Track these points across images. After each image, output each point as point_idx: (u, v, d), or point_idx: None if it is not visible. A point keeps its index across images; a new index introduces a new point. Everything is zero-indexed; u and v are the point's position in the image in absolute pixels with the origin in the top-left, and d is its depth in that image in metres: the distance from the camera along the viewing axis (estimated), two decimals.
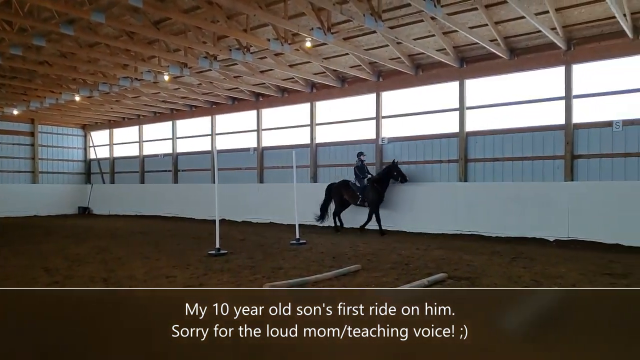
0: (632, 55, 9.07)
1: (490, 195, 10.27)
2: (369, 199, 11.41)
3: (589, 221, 8.95)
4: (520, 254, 8.03)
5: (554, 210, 9.37)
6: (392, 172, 11.38)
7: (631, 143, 9.00)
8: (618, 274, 6.40)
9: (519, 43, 10.22)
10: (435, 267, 6.86)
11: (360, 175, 11.63)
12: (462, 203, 10.74)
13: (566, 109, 9.80)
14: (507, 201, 10.04)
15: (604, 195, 8.95)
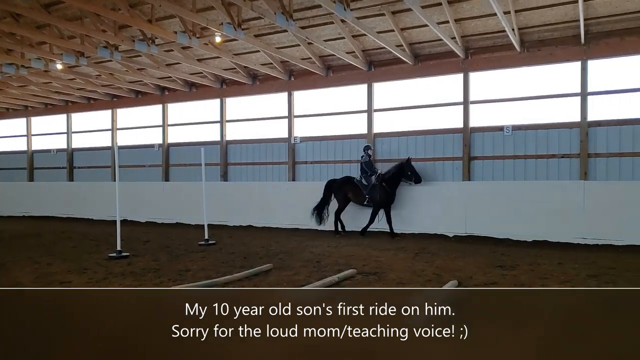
0: (520, 67, 9.97)
1: (397, 194, 10.73)
2: (376, 199, 10.30)
3: (483, 218, 9.70)
4: (423, 250, 8.48)
5: (453, 207, 10.02)
6: (405, 171, 10.19)
7: (519, 146, 9.89)
8: (508, 265, 7.00)
9: (422, 50, 10.78)
10: (345, 264, 7.02)
11: (369, 172, 10.52)
12: None
13: (464, 114, 10.52)
14: (412, 199, 10.56)
15: (497, 194, 9.75)
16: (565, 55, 9.50)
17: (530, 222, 9.26)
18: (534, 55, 9.80)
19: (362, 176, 10.59)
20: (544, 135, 9.71)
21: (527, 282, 6.01)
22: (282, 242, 9.63)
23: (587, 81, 9.36)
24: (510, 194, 9.59)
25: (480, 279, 6.16)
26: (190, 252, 8.55)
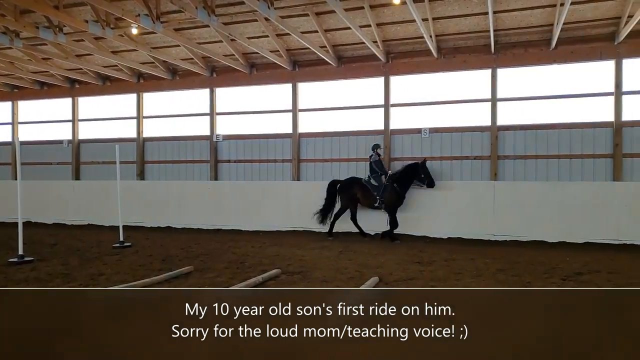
0: (437, 72, 10.46)
1: (320, 194, 10.82)
2: (388, 201, 9.67)
3: (403, 216, 10.05)
4: (346, 248, 8.63)
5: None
6: (419, 173, 9.63)
7: (436, 148, 10.38)
8: (425, 261, 7.32)
9: (345, 52, 10.97)
10: (269, 264, 6.95)
11: (379, 172, 9.92)
12: (295, 201, 11.11)
13: (385, 116, 10.85)
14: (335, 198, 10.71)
15: (415, 193, 10.14)
16: (478, 63, 10.12)
17: (445, 220, 9.75)
18: (449, 62, 10.33)
19: (371, 176, 9.94)
20: (459, 138, 10.28)
21: (442, 277, 6.31)
22: (204, 243, 9.35)
23: (497, 88, 10.04)
24: (426, 194, 10.03)
25: (400, 275, 6.37)
26: (104, 255, 8.04)
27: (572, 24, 9.05)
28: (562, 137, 9.60)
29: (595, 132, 9.41)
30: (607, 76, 9.36)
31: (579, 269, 6.74)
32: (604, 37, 9.27)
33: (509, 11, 9.03)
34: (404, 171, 9.75)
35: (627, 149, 9.19)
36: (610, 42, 9.23)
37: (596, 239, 8.85)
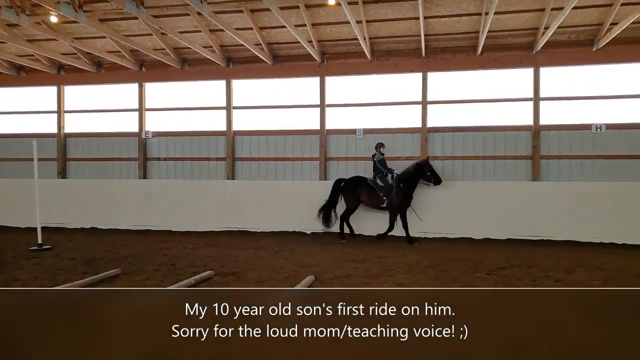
0: (371, 74, 10.67)
1: (256, 193, 10.71)
2: (395, 201, 9.40)
3: (339, 214, 10.17)
4: (282, 247, 8.59)
5: (312, 206, 10.30)
6: (425, 171, 9.43)
7: (370, 148, 10.59)
8: (359, 259, 7.45)
9: (281, 50, 10.91)
10: (202, 266, 6.76)
11: (384, 172, 9.58)
12: (229, 200, 10.88)
13: (321, 116, 10.91)
14: (270, 199, 10.62)
15: None
16: (410, 66, 10.44)
17: (379, 218, 9.96)
18: (383, 64, 10.57)
19: (376, 176, 9.61)
20: (391, 139, 10.55)
21: (376, 274, 6.44)
22: (132, 245, 8.92)
23: (427, 91, 10.41)
24: None
25: (335, 273, 6.43)
26: (20, 259, 7.44)
27: (496, 32, 9.58)
28: (487, 139, 10.13)
29: (517, 135, 10.02)
30: (527, 83, 9.99)
31: (502, 263, 7.14)
32: (524, 46, 9.90)
33: (439, 17, 9.39)
34: (410, 170, 9.51)
35: (545, 151, 9.86)
36: (529, 50, 9.86)
37: (517, 235, 9.41)
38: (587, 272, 6.54)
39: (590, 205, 9.20)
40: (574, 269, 6.73)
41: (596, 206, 9.14)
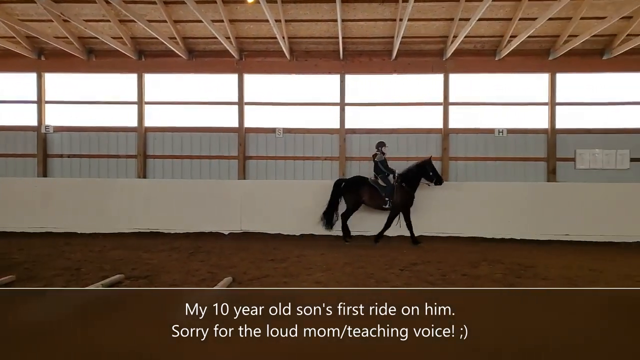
0: (290, 74, 10.67)
1: (169, 192, 10.27)
2: (398, 202, 9.19)
3: (258, 215, 10.05)
4: (198, 248, 8.31)
5: (228, 205, 10.10)
6: (427, 170, 9.24)
7: (289, 148, 10.59)
8: (279, 259, 7.40)
9: (197, 45, 10.57)
10: (111, 269, 6.34)
11: (386, 172, 9.30)
12: (140, 200, 10.32)
13: (239, 114, 10.71)
14: (185, 198, 10.24)
15: (270, 192, 10.22)
16: (328, 68, 10.58)
17: (299, 218, 10.00)
18: (302, 65, 10.61)
19: (378, 176, 9.37)
20: (310, 139, 10.63)
21: (295, 273, 6.43)
22: (30, 248, 8.15)
23: (345, 93, 10.62)
24: (281, 193, 10.18)
25: (254, 273, 6.33)
26: None
27: (410, 38, 10.00)
28: (400, 141, 10.54)
29: (428, 137, 10.53)
30: (438, 88, 10.54)
31: (414, 260, 7.45)
32: (436, 53, 10.44)
33: (356, 21, 9.62)
34: (413, 170, 9.38)
35: (453, 153, 10.47)
36: (440, 57, 10.41)
37: (428, 232, 9.88)
38: (490, 265, 7.02)
39: (493, 204, 9.90)
40: (478, 263, 7.20)
41: (498, 205, 9.86)
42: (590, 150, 10.19)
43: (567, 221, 9.68)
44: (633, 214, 9.59)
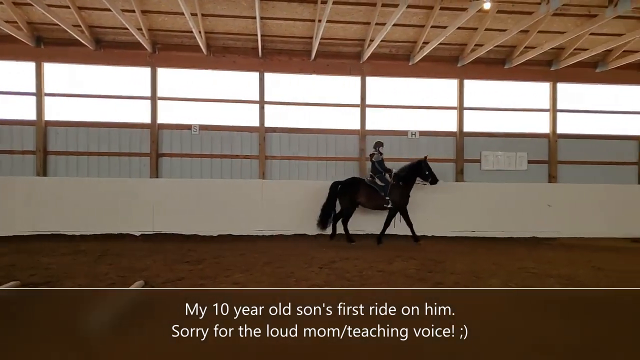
0: (207, 69, 10.35)
1: (74, 192, 9.50)
2: (397, 201, 9.16)
3: (172, 215, 9.62)
4: (107, 251, 7.77)
5: (140, 205, 9.56)
6: (423, 170, 9.29)
7: (206, 145, 10.25)
8: (194, 260, 7.12)
9: (106, 35, 9.91)
10: (4, 277, 5.70)
11: (383, 172, 9.26)
12: (40, 200, 9.43)
13: (152, 109, 10.19)
14: (92, 198, 9.54)
15: (186, 191, 9.81)
16: (247, 65, 10.40)
17: (215, 217, 9.71)
18: (219, 61, 10.34)
19: (375, 176, 9.31)
20: (229, 137, 10.37)
21: (212, 275, 6.21)
22: None
23: (264, 91, 10.50)
24: (197, 192, 9.83)
25: (168, 276, 6.03)
26: None
27: (328, 40, 10.12)
28: (320, 141, 10.63)
29: (346, 138, 10.71)
30: (355, 90, 10.77)
31: (333, 257, 7.53)
32: (353, 55, 10.65)
33: (275, 19, 9.55)
34: (409, 169, 9.40)
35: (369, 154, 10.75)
36: (357, 60, 10.64)
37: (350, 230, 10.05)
38: (404, 261, 7.28)
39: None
40: (393, 259, 7.44)
41: (412, 204, 10.24)
42: (494, 153, 10.96)
43: (474, 218, 10.32)
44: (530, 211, 10.46)
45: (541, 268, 6.81)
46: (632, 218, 10.73)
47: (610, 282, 5.88)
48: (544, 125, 11.21)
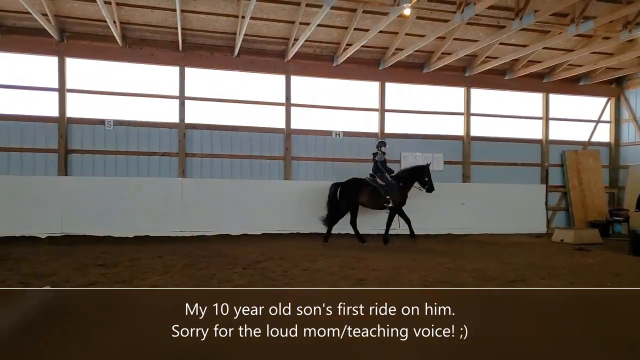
0: (122, 62, 9.79)
1: None
2: (397, 200, 9.25)
3: (82, 216, 8.98)
4: (7, 255, 7.07)
5: (47, 206, 8.82)
6: (424, 175, 9.41)
7: (121, 141, 9.68)
8: (109, 263, 6.67)
9: (6, 20, 9.05)
10: None
11: (385, 172, 9.31)
12: None
13: (59, 102, 9.45)
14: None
15: (98, 190, 9.20)
16: (166, 59, 9.98)
17: (131, 218, 9.20)
18: (136, 53, 9.82)
19: (376, 176, 9.32)
20: (147, 133, 9.87)
21: (128, 278, 5.86)
22: None
23: (185, 86, 10.13)
24: (111, 191, 9.27)
25: (79, 281, 5.60)
26: None
27: (252, 37, 9.96)
28: (244, 139, 10.44)
29: (271, 137, 10.62)
30: (280, 88, 10.69)
31: (257, 257, 7.41)
32: (278, 53, 10.58)
33: (197, 13, 9.25)
34: (410, 172, 9.53)
35: (295, 153, 10.73)
36: (282, 59, 10.58)
37: (271, 229, 9.96)
38: (329, 259, 7.33)
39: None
40: (318, 258, 7.47)
41: None
42: (413, 154, 11.40)
43: (396, 217, 10.61)
44: (446, 209, 10.97)
45: (456, 263, 7.14)
46: (535, 215, 11.65)
47: (516, 274, 6.29)
48: (459, 128, 11.85)
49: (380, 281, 5.81)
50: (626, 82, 12.55)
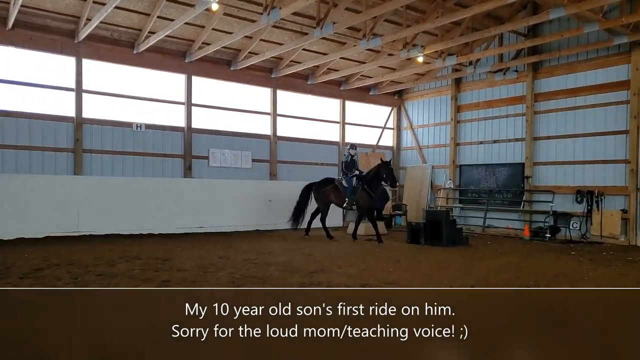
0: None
1: None
2: (360, 202, 9.33)
3: None
4: None
5: None
6: (382, 173, 9.22)
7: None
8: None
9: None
10: None
11: (348, 173, 9.32)
12: None
13: None
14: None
15: None
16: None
17: None
18: None
19: (343, 177, 9.56)
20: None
21: None
22: None
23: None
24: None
25: None
26: None
27: (31, 9, 8.60)
28: (21, 127, 8.90)
29: (58, 126, 9.30)
30: (69, 72, 9.45)
31: (38, 264, 6.40)
32: (67, 32, 9.33)
33: None
34: (372, 172, 9.47)
35: (88, 145, 9.60)
36: (72, 39, 9.35)
37: (56, 232, 8.69)
38: (128, 262, 6.75)
39: (131, 200, 9.56)
40: (116, 261, 6.81)
41: (137, 200, 9.60)
42: (221, 150, 11.29)
43: (202, 214, 10.36)
44: (254, 206, 11.14)
45: (262, 258, 7.30)
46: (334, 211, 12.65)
47: (318, 266, 6.73)
48: (267, 127, 12.17)
49: (186, 281, 5.60)
50: (405, 95, 14.59)
